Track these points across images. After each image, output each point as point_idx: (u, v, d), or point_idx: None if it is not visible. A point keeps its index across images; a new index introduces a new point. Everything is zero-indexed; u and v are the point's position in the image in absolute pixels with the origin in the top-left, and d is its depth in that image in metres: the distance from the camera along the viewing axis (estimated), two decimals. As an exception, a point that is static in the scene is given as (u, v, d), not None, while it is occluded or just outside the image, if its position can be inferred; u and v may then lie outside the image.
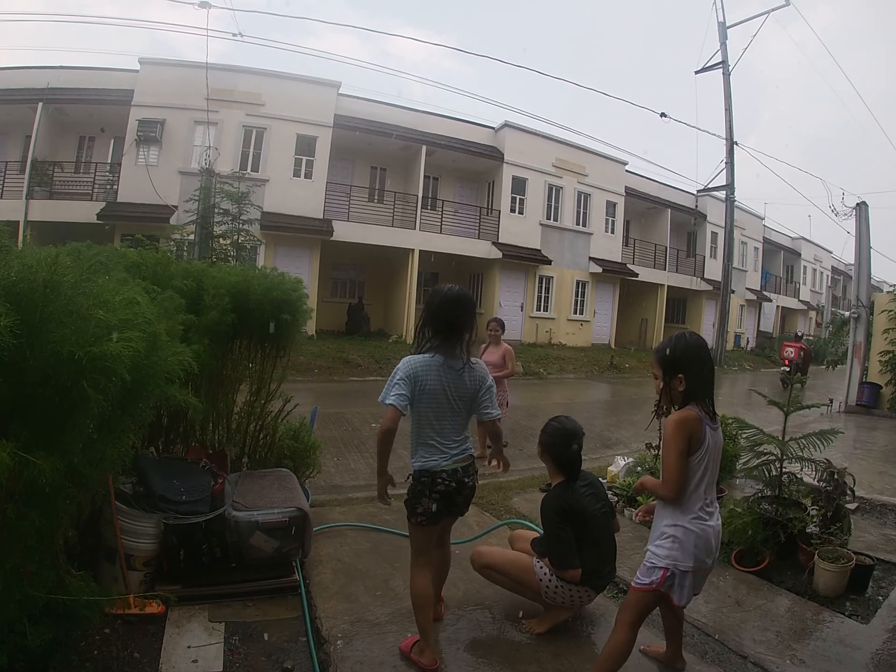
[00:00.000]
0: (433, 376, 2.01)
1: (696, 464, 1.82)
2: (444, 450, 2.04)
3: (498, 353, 5.13)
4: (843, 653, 2.31)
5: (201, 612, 2.32)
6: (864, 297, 10.05)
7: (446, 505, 2.04)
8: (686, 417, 1.81)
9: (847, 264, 30.02)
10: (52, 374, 1.46)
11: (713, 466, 1.88)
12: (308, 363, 10.83)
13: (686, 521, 1.83)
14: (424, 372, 2.00)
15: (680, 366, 1.84)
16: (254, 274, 3.37)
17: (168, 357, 1.89)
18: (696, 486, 1.83)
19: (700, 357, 1.87)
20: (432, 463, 2.02)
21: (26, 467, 1.36)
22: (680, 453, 1.79)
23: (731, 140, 18.47)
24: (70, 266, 1.57)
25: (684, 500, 1.83)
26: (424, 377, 1.99)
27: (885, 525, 3.87)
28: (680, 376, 1.84)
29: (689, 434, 1.80)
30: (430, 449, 2.04)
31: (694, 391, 1.83)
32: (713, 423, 1.87)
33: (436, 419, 2.04)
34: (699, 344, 1.90)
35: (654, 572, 1.84)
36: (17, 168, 13.54)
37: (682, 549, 1.81)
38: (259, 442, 3.45)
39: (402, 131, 15.47)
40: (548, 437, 2.43)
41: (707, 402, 1.86)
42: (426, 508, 1.99)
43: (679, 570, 1.81)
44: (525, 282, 17.33)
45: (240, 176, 11.89)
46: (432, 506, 1.98)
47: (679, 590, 1.84)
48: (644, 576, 1.87)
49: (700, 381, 1.84)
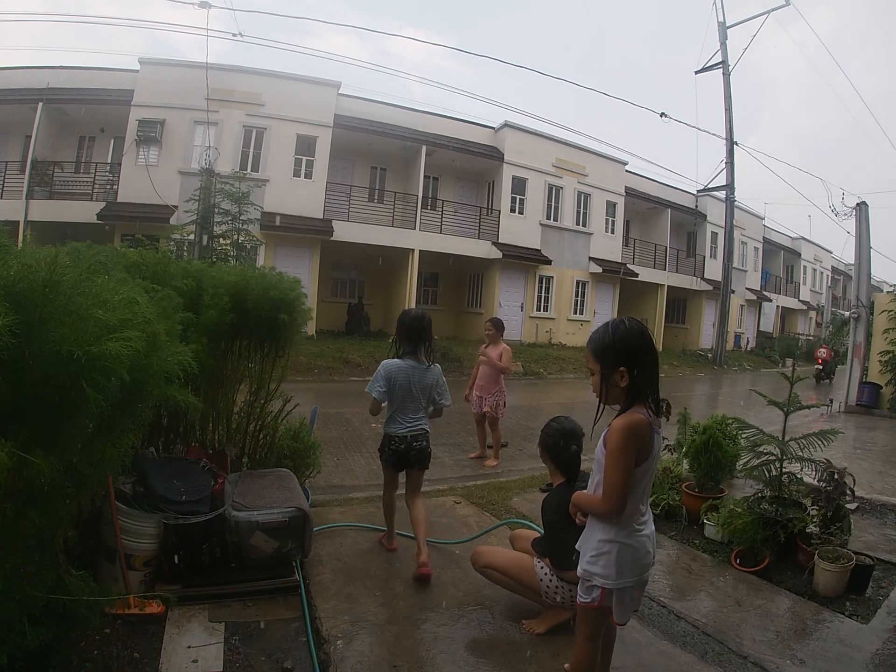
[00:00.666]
0: (402, 375, 2.86)
1: (641, 475, 1.61)
2: (402, 423, 2.89)
3: (496, 353, 5.19)
4: (843, 653, 2.31)
5: (201, 612, 2.31)
6: (864, 297, 10.06)
7: (400, 458, 2.91)
8: (636, 424, 1.56)
9: (847, 264, 30.03)
10: (51, 373, 1.46)
11: (654, 472, 1.71)
12: (308, 363, 10.84)
13: (622, 537, 1.64)
14: (396, 372, 2.86)
15: (621, 358, 1.59)
16: (252, 274, 3.37)
17: (167, 357, 1.89)
18: (637, 499, 1.65)
19: (643, 347, 1.61)
20: (392, 430, 2.90)
21: (25, 467, 1.36)
22: (627, 468, 1.55)
23: (731, 140, 18.48)
24: (69, 266, 1.57)
25: (624, 515, 1.64)
26: (396, 375, 2.85)
27: (885, 525, 3.87)
28: (622, 370, 1.59)
29: (640, 443, 1.56)
30: (394, 421, 2.91)
31: (639, 388, 1.59)
32: (659, 425, 1.65)
33: (402, 403, 2.88)
34: (641, 331, 1.63)
35: (593, 591, 1.69)
36: (17, 168, 13.54)
37: (620, 567, 1.64)
38: (259, 442, 3.45)
39: (402, 131, 15.48)
40: (548, 437, 2.43)
41: (652, 401, 1.62)
42: (387, 455, 2.94)
43: (617, 588, 1.66)
44: (525, 282, 17.33)
45: (240, 176, 11.89)
46: (390, 455, 2.92)
47: (619, 606, 1.69)
48: (585, 594, 1.72)
49: (645, 375, 1.60)
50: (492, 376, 5.27)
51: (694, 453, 3.81)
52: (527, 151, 17.14)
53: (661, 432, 1.67)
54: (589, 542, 1.72)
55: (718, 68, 18.75)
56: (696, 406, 9.39)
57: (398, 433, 2.87)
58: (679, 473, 4.02)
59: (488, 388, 5.26)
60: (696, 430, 3.99)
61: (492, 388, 5.25)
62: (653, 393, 1.62)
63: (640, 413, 1.58)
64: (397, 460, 2.91)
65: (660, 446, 1.68)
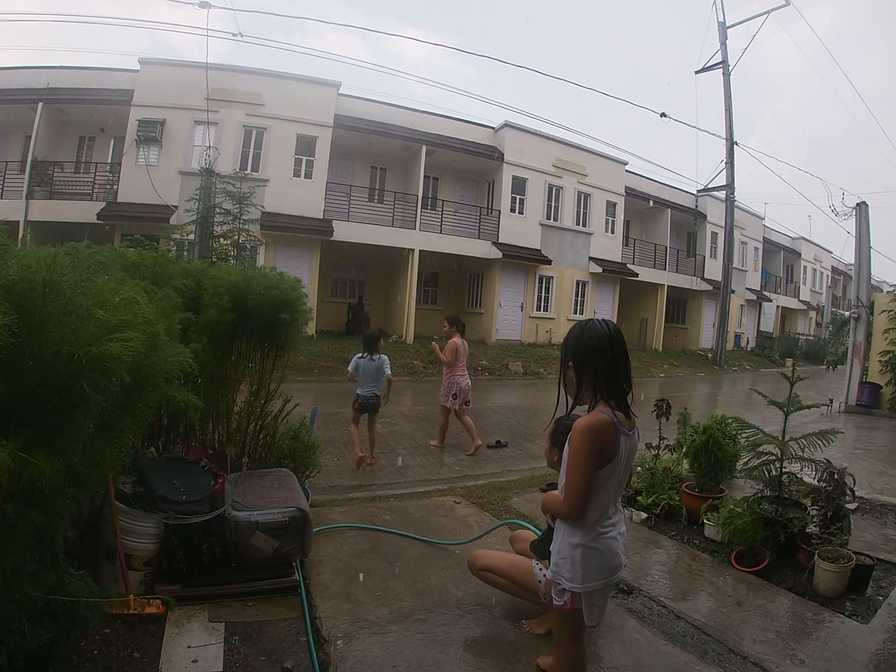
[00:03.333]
0: (362, 363, 4.92)
1: (606, 477, 1.59)
2: (365, 386, 4.94)
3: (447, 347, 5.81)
4: (843, 653, 2.31)
5: (201, 612, 2.32)
6: (864, 297, 10.05)
7: (362, 406, 4.98)
8: (598, 424, 1.54)
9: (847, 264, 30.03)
10: (51, 374, 1.46)
11: (624, 475, 1.68)
12: (308, 363, 10.84)
13: (588, 540, 1.63)
14: (359, 360, 4.96)
15: (570, 354, 1.63)
16: (253, 273, 3.37)
17: (168, 357, 1.89)
18: (603, 502, 1.62)
19: (597, 348, 1.59)
20: (359, 392, 4.96)
21: (26, 467, 1.36)
22: (588, 469, 1.55)
23: (731, 140, 18.47)
24: (69, 266, 1.57)
25: (589, 518, 1.62)
26: (359, 362, 4.95)
27: (885, 525, 3.87)
28: (570, 364, 1.62)
29: (601, 445, 1.55)
30: (360, 387, 4.97)
31: (597, 388, 1.59)
32: (630, 427, 1.63)
33: (364, 378, 4.93)
34: (599, 333, 1.60)
35: (564, 594, 1.68)
36: (17, 168, 13.53)
37: (585, 571, 1.63)
38: (259, 442, 3.45)
39: (402, 131, 15.47)
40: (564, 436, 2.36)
41: (619, 403, 1.61)
42: (357, 406, 4.99)
43: (585, 591, 1.65)
44: (525, 282, 17.33)
45: (241, 176, 11.89)
46: (357, 405, 4.98)
47: (588, 609, 1.68)
48: (557, 597, 1.72)
49: (604, 376, 1.59)
50: (444, 370, 5.85)
51: (694, 453, 3.81)
52: (527, 151, 17.14)
53: (632, 433, 1.64)
54: (558, 541, 1.71)
55: (718, 68, 18.75)
56: (696, 406, 9.39)
57: (362, 394, 4.95)
58: (679, 473, 4.02)
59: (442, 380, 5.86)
60: (696, 430, 3.99)
61: (443, 380, 5.83)
62: (617, 395, 1.60)
63: (604, 413, 1.56)
64: (360, 408, 4.99)
65: (628, 448, 1.63)
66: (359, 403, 4.94)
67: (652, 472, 3.98)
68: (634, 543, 3.30)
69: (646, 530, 3.55)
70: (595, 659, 2.19)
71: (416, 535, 3.23)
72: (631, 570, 2.96)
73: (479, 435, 5.87)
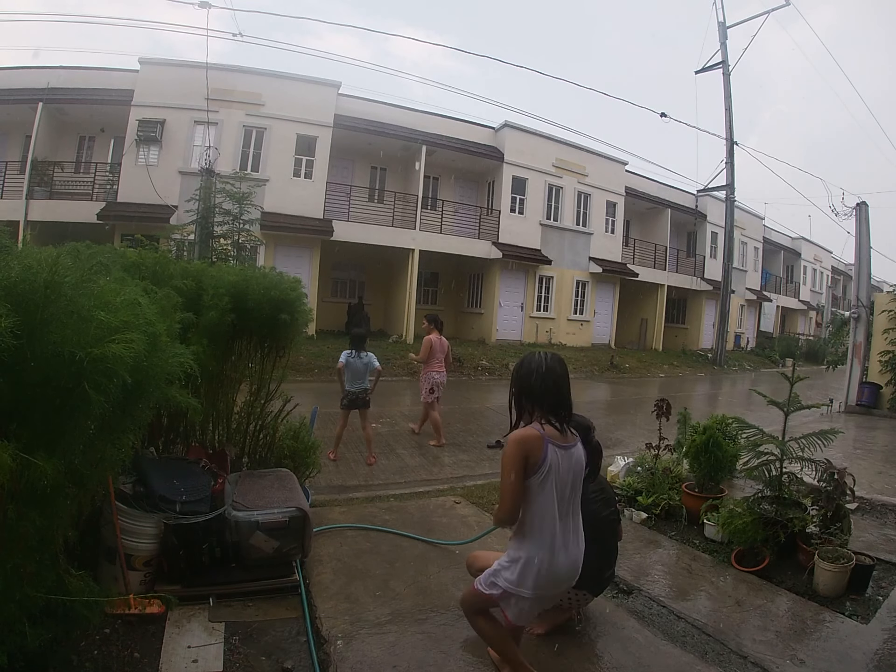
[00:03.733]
0: (351, 359, 5.00)
1: (538, 486, 1.72)
2: (354, 383, 5.04)
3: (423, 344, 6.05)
4: (843, 653, 2.31)
5: (201, 612, 2.32)
6: (864, 297, 10.06)
7: (352, 402, 5.06)
8: (523, 437, 1.74)
9: (847, 264, 30.03)
10: (53, 375, 1.46)
11: (569, 492, 1.78)
12: (308, 363, 10.84)
13: (529, 551, 1.74)
14: (348, 356, 5.01)
15: (513, 381, 1.88)
16: (253, 274, 3.37)
17: (168, 358, 1.89)
18: (542, 512, 1.73)
19: (532, 372, 1.82)
20: (349, 388, 5.04)
21: (27, 468, 1.36)
22: (514, 476, 1.71)
23: (731, 140, 18.48)
24: (71, 267, 1.57)
25: (530, 528, 1.75)
26: (348, 359, 5.00)
27: (885, 525, 3.87)
28: (513, 389, 1.86)
29: (525, 454, 1.71)
30: (349, 384, 5.04)
31: (532, 409, 1.80)
32: (564, 441, 1.77)
33: (352, 375, 5.03)
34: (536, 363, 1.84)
35: (494, 587, 1.81)
36: (17, 168, 13.54)
37: (522, 578, 1.75)
38: (259, 442, 3.45)
39: (402, 131, 15.47)
40: None
41: (557, 421, 1.79)
42: (345, 402, 5.08)
43: (517, 594, 1.76)
44: (525, 282, 17.33)
45: (241, 176, 11.89)
46: (346, 401, 5.07)
47: (515, 610, 1.79)
48: (485, 584, 1.84)
49: (535, 398, 1.81)
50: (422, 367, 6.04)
51: (694, 453, 3.81)
52: (527, 151, 17.14)
53: (568, 447, 1.78)
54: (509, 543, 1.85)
55: (718, 68, 18.75)
56: (696, 406, 9.40)
57: (351, 390, 5.05)
58: (679, 473, 4.02)
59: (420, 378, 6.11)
60: (696, 430, 3.99)
61: (421, 376, 6.06)
62: (551, 415, 1.79)
63: (535, 428, 1.75)
64: (349, 403, 5.07)
65: (564, 461, 1.75)
66: (348, 399, 5.06)
67: (652, 472, 3.98)
68: (635, 543, 3.31)
69: (646, 530, 3.56)
70: (595, 659, 2.20)
71: (416, 535, 3.23)
72: (631, 570, 2.97)
73: (480, 435, 5.93)
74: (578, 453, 1.82)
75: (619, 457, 4.54)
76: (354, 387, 5.05)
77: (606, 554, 2.39)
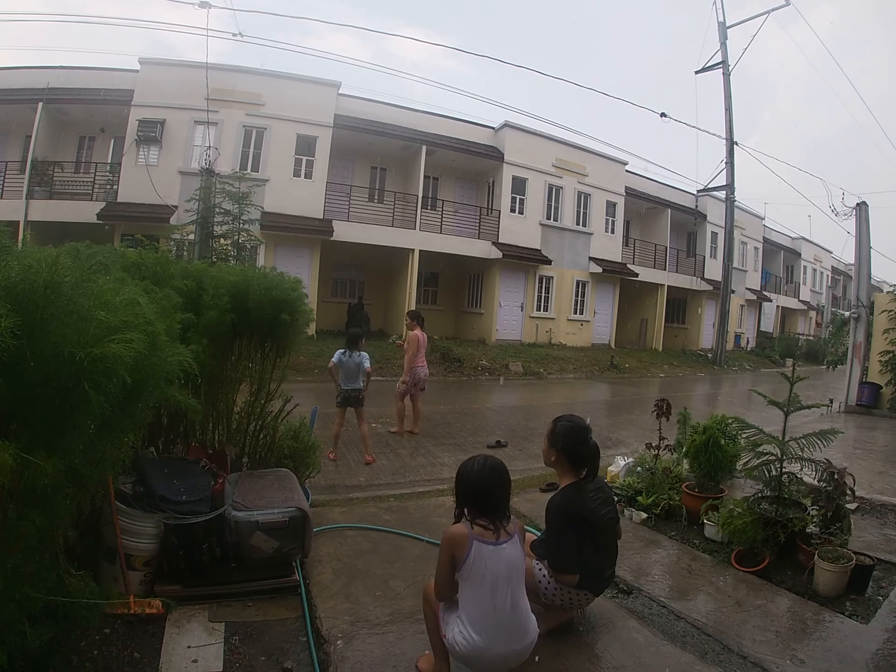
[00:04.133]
0: (344, 358, 5.09)
1: (467, 579, 1.84)
2: (347, 382, 5.13)
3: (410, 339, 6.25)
4: (843, 653, 2.31)
5: (201, 612, 2.32)
6: (864, 297, 10.06)
7: (345, 400, 5.15)
8: (451, 533, 1.89)
9: (847, 264, 30.02)
10: (53, 374, 1.46)
11: (502, 585, 1.83)
12: (308, 363, 10.85)
13: (456, 635, 1.84)
14: (341, 356, 5.10)
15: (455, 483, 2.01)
16: (253, 274, 3.37)
17: (168, 358, 1.89)
18: (476, 599, 1.83)
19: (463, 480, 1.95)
20: (344, 387, 5.13)
21: (28, 468, 1.36)
22: (443, 563, 1.89)
23: (731, 140, 18.48)
24: (71, 266, 1.57)
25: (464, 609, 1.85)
26: (341, 358, 5.10)
27: (885, 525, 3.87)
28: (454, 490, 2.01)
29: (452, 550, 1.86)
30: (344, 382, 5.12)
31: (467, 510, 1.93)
32: (495, 539, 1.87)
33: (345, 374, 5.12)
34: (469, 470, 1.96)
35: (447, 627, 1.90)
36: (17, 168, 13.54)
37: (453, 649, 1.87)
38: (259, 442, 3.45)
39: (402, 131, 15.48)
40: (563, 437, 2.35)
41: (488, 521, 1.88)
42: (339, 400, 5.17)
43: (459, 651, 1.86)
44: (525, 282, 17.33)
45: (240, 176, 11.89)
46: (340, 399, 5.17)
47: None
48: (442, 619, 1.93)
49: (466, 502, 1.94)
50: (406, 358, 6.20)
51: (694, 453, 3.81)
52: (527, 151, 17.14)
53: (499, 543, 1.86)
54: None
55: (718, 68, 18.75)
56: (696, 406, 9.40)
57: (345, 388, 5.15)
58: (679, 473, 4.02)
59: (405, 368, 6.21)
60: (696, 430, 3.99)
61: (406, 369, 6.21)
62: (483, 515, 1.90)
63: (464, 526, 1.89)
64: (343, 401, 5.17)
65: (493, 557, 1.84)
66: (342, 397, 5.16)
67: (652, 472, 3.98)
68: (635, 544, 3.31)
69: (646, 530, 3.56)
70: (595, 659, 2.20)
71: (416, 534, 3.23)
72: (631, 570, 2.97)
73: (480, 434, 5.93)
74: (512, 550, 1.89)
75: (619, 457, 4.54)
76: (348, 386, 5.14)
77: (607, 553, 2.39)
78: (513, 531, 1.93)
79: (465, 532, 1.87)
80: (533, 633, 1.91)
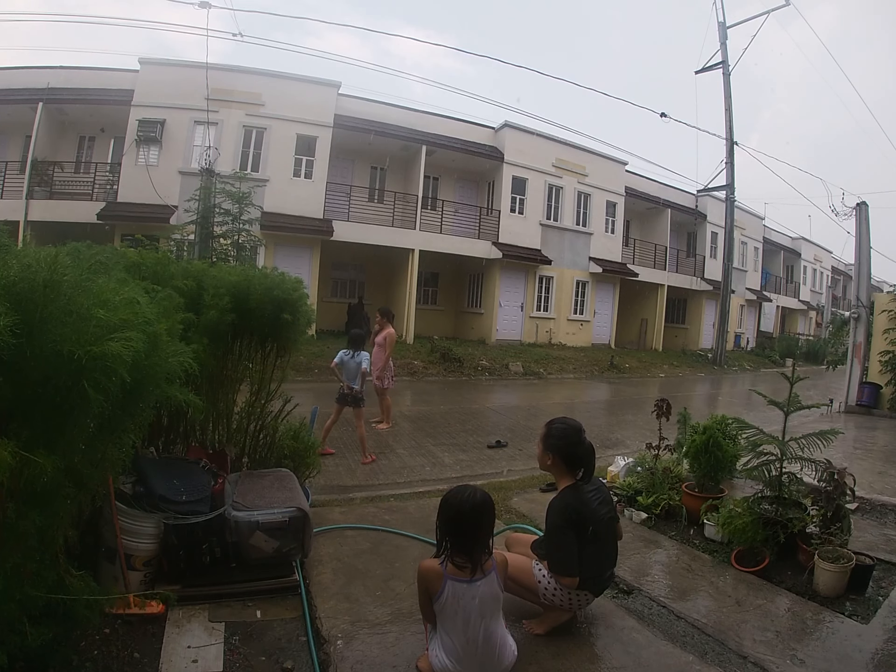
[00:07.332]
0: (346, 357, 5.24)
1: (440, 612, 1.91)
2: (346, 379, 5.20)
3: (381, 335, 6.37)
4: (843, 653, 2.31)
5: (201, 612, 2.32)
6: (864, 297, 10.05)
7: (342, 398, 5.23)
8: (426, 569, 1.94)
9: (847, 264, 30.03)
10: (52, 373, 1.46)
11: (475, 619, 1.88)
12: (308, 363, 10.86)
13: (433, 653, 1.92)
14: (343, 355, 5.26)
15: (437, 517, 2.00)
16: (254, 273, 3.37)
17: (168, 357, 1.89)
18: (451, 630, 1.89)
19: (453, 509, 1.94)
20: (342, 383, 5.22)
21: (27, 467, 1.36)
22: (419, 593, 1.98)
23: (731, 140, 18.48)
24: (70, 266, 1.57)
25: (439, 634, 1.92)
26: (343, 357, 5.25)
27: (885, 525, 3.87)
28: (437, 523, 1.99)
29: (425, 585, 1.93)
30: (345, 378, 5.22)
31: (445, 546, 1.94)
32: (469, 576, 1.89)
33: (346, 374, 5.24)
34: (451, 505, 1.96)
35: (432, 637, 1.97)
36: (17, 168, 13.54)
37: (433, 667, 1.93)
38: (259, 442, 3.45)
39: (402, 131, 15.48)
40: (557, 439, 2.36)
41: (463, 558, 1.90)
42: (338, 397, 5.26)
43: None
44: (525, 282, 17.34)
45: (240, 176, 11.89)
46: (337, 396, 5.25)
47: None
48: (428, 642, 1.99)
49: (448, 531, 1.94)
50: (377, 354, 6.28)
51: (694, 453, 3.81)
52: (527, 151, 17.14)
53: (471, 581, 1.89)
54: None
55: (718, 68, 18.76)
56: (696, 406, 9.40)
57: (344, 383, 5.25)
58: (679, 473, 4.02)
59: (377, 364, 6.22)
60: (696, 430, 3.99)
61: (378, 363, 6.26)
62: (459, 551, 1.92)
63: (437, 564, 1.93)
64: (340, 398, 5.26)
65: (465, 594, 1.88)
66: (339, 394, 5.29)
67: (652, 472, 3.98)
68: (635, 544, 3.31)
69: (646, 530, 3.55)
70: (595, 659, 2.20)
71: (416, 535, 3.23)
72: (631, 569, 2.96)
73: (480, 435, 5.94)
74: (486, 588, 1.92)
75: (620, 457, 4.54)
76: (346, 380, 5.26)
77: (607, 554, 2.39)
78: (489, 568, 1.94)
79: (439, 571, 1.91)
80: (508, 659, 1.97)
